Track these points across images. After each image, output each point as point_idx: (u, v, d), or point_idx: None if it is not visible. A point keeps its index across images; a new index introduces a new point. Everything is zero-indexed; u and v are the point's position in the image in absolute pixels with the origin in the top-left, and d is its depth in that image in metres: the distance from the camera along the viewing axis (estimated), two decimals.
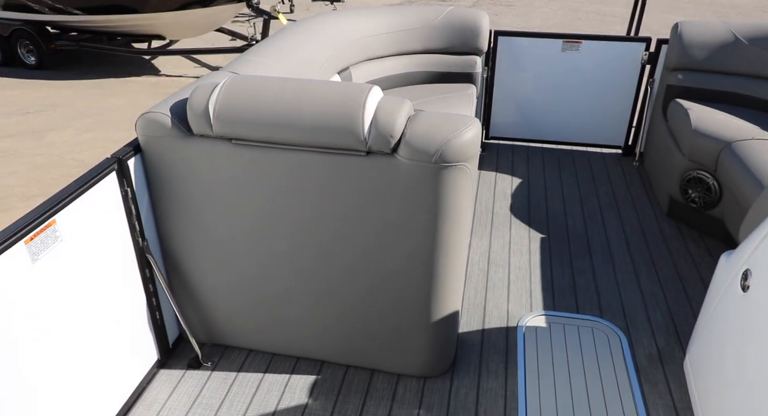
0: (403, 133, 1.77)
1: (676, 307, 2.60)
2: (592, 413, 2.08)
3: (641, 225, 3.21)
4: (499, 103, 4.10)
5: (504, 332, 2.45)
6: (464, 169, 1.80)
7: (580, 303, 2.62)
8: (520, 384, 2.20)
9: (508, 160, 3.96)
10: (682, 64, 3.43)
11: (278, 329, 2.23)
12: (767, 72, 3.25)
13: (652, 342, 2.41)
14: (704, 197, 3.03)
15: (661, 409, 2.10)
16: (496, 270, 2.83)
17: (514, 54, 3.92)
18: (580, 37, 3.81)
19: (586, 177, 3.75)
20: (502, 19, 10.76)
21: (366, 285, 2.03)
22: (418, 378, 2.22)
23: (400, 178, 1.80)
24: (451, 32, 3.59)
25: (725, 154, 2.86)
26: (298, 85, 1.84)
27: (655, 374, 2.25)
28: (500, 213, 3.33)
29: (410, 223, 1.87)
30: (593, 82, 3.91)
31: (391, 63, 3.58)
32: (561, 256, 2.94)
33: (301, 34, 2.95)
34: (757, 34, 3.28)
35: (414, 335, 2.10)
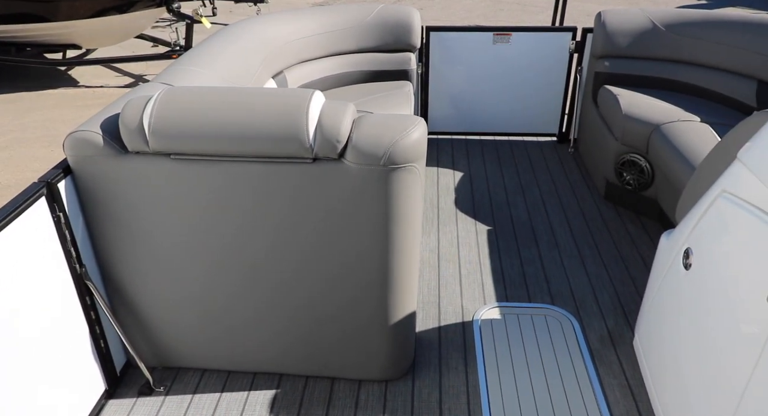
0: (349, 138, 1.74)
1: (622, 288, 2.69)
2: (551, 398, 2.12)
3: (582, 210, 3.31)
4: (435, 98, 4.12)
5: (460, 327, 2.46)
6: (413, 169, 1.78)
7: (531, 291, 2.67)
8: (481, 378, 2.21)
9: (448, 155, 3.99)
10: (608, 52, 3.55)
11: (232, 346, 2.16)
12: (684, 56, 3.41)
13: (602, 324, 2.48)
14: (638, 179, 3.15)
15: (616, 388, 2.16)
16: (447, 266, 2.85)
17: (447, 49, 3.95)
18: (510, 30, 3.87)
19: (525, 166, 3.83)
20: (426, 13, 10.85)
21: (320, 293, 1.99)
22: (379, 382, 2.20)
23: (348, 183, 1.77)
24: (384, 30, 3.57)
25: (654, 136, 2.98)
26: (237, 93, 1.77)
27: (608, 355, 2.32)
28: (445, 208, 3.34)
29: (361, 228, 1.84)
30: (525, 72, 3.99)
31: (325, 64, 3.52)
32: (508, 247, 2.99)
33: (232, 39, 2.86)
34: (672, 20, 3.43)
35: (372, 339, 2.08)
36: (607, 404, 2.10)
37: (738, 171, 1.65)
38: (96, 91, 6.83)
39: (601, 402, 2.11)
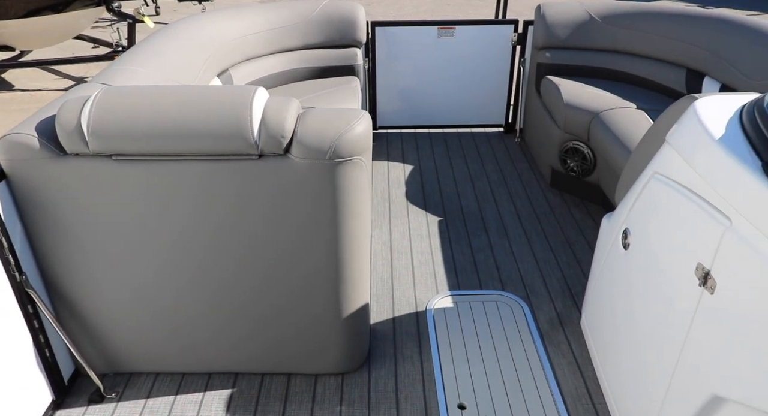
0: (294, 133, 1.74)
1: (569, 271, 2.78)
2: (504, 380, 2.18)
3: (529, 198, 3.40)
4: (383, 92, 4.15)
5: (414, 317, 2.50)
6: (359, 162, 1.80)
7: (483, 279, 2.73)
8: (436, 366, 2.25)
9: (398, 149, 4.03)
10: (548, 43, 3.64)
11: (185, 347, 2.13)
12: (620, 46, 3.53)
13: (551, 306, 2.56)
14: (581, 165, 3.26)
15: (566, 368, 2.24)
16: (399, 257, 2.88)
17: (393, 43, 3.98)
18: (454, 23, 3.93)
19: (473, 157, 3.90)
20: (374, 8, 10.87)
21: (271, 290, 1.99)
22: (336, 375, 2.22)
23: (295, 179, 1.77)
24: (329, 26, 3.57)
25: (594, 124, 3.08)
26: (179, 92, 1.75)
27: (557, 336, 2.40)
28: (396, 201, 3.38)
29: (309, 223, 1.85)
30: (470, 65, 4.06)
31: (271, 61, 3.50)
32: (459, 236, 3.04)
33: (173, 37, 2.81)
34: (607, 12, 3.55)
35: (327, 333, 2.09)
36: (557, 382, 2.18)
37: (667, 153, 1.73)
38: (34, 94, 6.59)
39: (551, 380, 2.18)
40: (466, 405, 2.10)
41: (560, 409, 2.08)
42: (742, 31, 2.95)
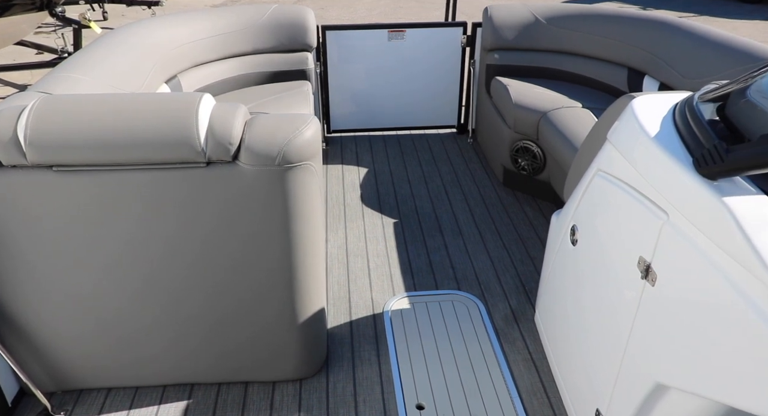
0: (242, 139, 1.72)
1: (522, 268, 2.83)
2: (461, 378, 2.21)
3: (482, 197, 3.45)
4: (336, 96, 4.15)
5: (371, 320, 2.50)
6: (309, 167, 1.80)
7: (438, 279, 2.76)
8: (394, 368, 2.26)
9: (352, 152, 4.03)
10: (496, 45, 3.71)
11: (137, 359, 2.09)
12: (565, 47, 3.62)
13: (506, 304, 2.60)
14: (532, 164, 3.33)
15: (521, 363, 2.28)
16: (355, 260, 2.88)
17: (344, 47, 3.98)
18: (404, 26, 3.96)
19: (427, 158, 3.93)
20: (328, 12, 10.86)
21: (224, 298, 1.96)
22: (294, 381, 2.20)
23: (245, 185, 1.75)
24: (279, 30, 3.55)
25: (543, 123, 3.15)
26: (123, 100, 1.71)
27: (512, 332, 2.44)
28: (352, 204, 3.38)
29: (262, 229, 1.84)
30: (421, 67, 4.09)
31: (221, 67, 3.46)
32: (414, 237, 3.07)
33: (118, 43, 2.74)
34: (552, 14, 3.64)
35: (283, 340, 2.08)
36: (513, 378, 2.22)
37: (608, 151, 1.78)
38: None
39: (507, 377, 2.22)
40: (425, 405, 2.11)
41: (516, 405, 2.11)
42: (678, 33, 3.06)
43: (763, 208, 1.21)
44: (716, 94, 1.47)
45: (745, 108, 1.30)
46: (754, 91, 1.31)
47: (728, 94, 1.43)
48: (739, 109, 1.33)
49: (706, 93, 1.53)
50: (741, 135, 1.29)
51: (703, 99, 1.51)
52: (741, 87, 1.39)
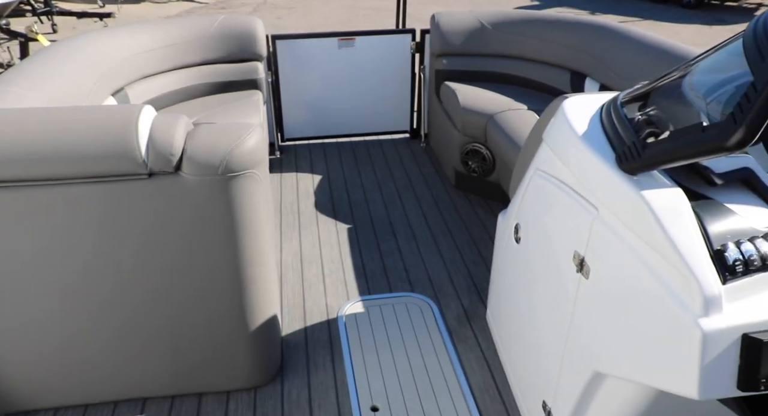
0: (184, 150, 1.73)
1: (474, 268, 2.89)
2: (415, 379, 2.24)
3: (435, 200, 3.50)
4: (288, 105, 4.16)
5: (326, 325, 2.52)
6: (253, 176, 1.81)
7: (392, 282, 2.79)
8: (348, 372, 2.28)
9: (306, 160, 4.04)
10: (444, 51, 3.78)
11: (85, 377, 2.05)
12: (510, 51, 3.72)
13: (458, 304, 2.65)
14: (482, 166, 3.40)
15: (473, 361, 2.33)
16: (310, 267, 2.89)
17: (295, 56, 4.00)
18: (353, 34, 4.00)
19: (381, 164, 3.97)
20: (284, 21, 10.85)
21: (175, 311, 1.95)
22: (248, 390, 2.20)
23: (189, 196, 1.75)
24: (228, 41, 3.55)
25: (490, 125, 3.23)
26: (60, 113, 1.70)
27: (465, 332, 2.49)
28: (306, 211, 3.39)
29: (208, 240, 1.84)
30: (373, 74, 4.14)
31: (169, 78, 3.43)
32: (368, 242, 3.10)
33: (60, 56, 2.70)
34: (497, 20, 3.73)
35: (236, 349, 2.08)
36: (465, 376, 2.26)
37: (544, 150, 1.84)
38: None
39: (460, 375, 2.26)
40: (379, 407, 2.14)
41: (469, 402, 2.15)
42: (616, 37, 3.18)
43: (677, 199, 1.28)
44: (637, 94, 1.55)
45: (660, 106, 1.38)
46: (668, 90, 1.39)
47: (647, 94, 1.50)
48: (655, 107, 1.40)
49: (628, 93, 1.60)
50: (657, 132, 1.36)
51: (625, 99, 1.58)
52: (657, 87, 1.46)
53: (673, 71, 1.46)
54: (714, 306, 1.15)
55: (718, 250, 1.20)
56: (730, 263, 1.18)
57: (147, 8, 11.52)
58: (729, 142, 1.06)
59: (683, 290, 1.20)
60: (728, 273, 1.18)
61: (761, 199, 1.33)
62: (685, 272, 1.19)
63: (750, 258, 1.18)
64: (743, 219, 1.26)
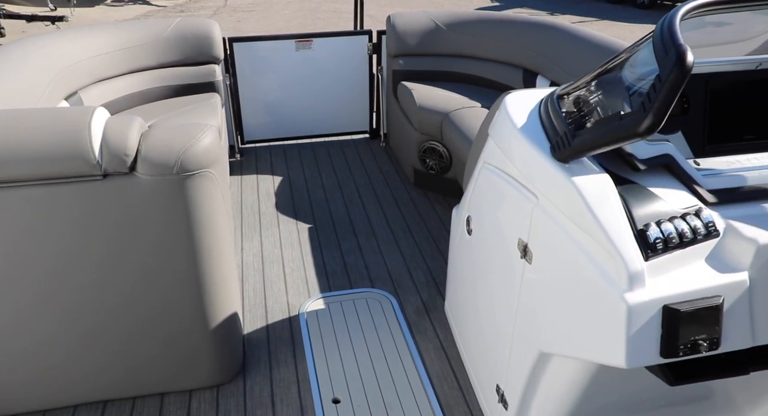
0: (138, 150, 1.75)
1: (433, 262, 2.96)
2: (375, 371, 2.30)
3: (395, 198, 3.57)
4: (248, 107, 4.17)
5: (287, 323, 2.56)
6: (209, 175, 1.84)
7: (353, 279, 2.84)
8: (310, 367, 2.32)
9: (267, 162, 4.07)
10: (400, 51, 3.85)
11: (43, 381, 2.05)
12: (465, 51, 3.82)
13: (417, 298, 2.72)
14: (439, 163, 3.48)
15: (432, 352, 2.40)
16: (271, 267, 2.93)
17: (253, 58, 4.02)
18: (310, 36, 4.04)
19: (341, 164, 4.02)
20: (245, 25, 10.81)
21: (131, 310, 1.97)
22: (210, 388, 2.22)
23: (145, 196, 1.78)
24: (183, 43, 3.55)
25: (445, 123, 3.31)
26: (12, 115, 1.70)
27: (424, 324, 2.55)
28: (267, 212, 3.42)
29: (165, 239, 1.86)
30: (331, 75, 4.19)
31: (125, 82, 3.42)
32: (329, 241, 3.14)
33: (10, 59, 2.68)
34: (451, 21, 3.83)
35: (197, 348, 2.10)
36: (424, 366, 2.32)
37: (489, 144, 1.92)
38: None
39: (419, 365, 2.33)
40: (341, 399, 2.18)
41: (428, 390, 2.22)
42: (564, 36, 3.30)
43: (604, 184, 1.37)
44: (571, 88, 1.63)
45: (589, 99, 1.46)
46: (597, 84, 1.48)
47: (580, 88, 1.59)
48: (585, 100, 1.49)
49: (564, 88, 1.69)
50: (585, 122, 1.44)
51: (561, 93, 1.67)
52: (588, 81, 1.55)
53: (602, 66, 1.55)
54: (637, 281, 1.24)
55: (641, 230, 1.29)
56: (651, 241, 1.27)
57: (102, 11, 11.34)
58: (641, 128, 1.15)
59: (611, 268, 1.28)
60: (650, 250, 1.26)
61: (680, 182, 1.42)
62: (611, 251, 1.27)
63: (669, 236, 1.28)
64: (664, 202, 1.35)
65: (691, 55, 1.08)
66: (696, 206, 1.37)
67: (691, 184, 1.42)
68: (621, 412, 1.87)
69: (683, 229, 1.29)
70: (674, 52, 1.10)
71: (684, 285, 1.26)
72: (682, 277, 1.28)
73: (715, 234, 1.33)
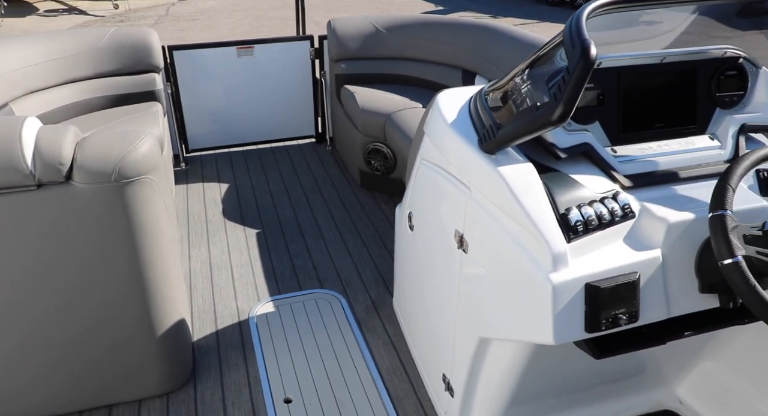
0: (74, 158, 1.73)
1: (381, 261, 3.01)
2: (326, 369, 2.33)
3: (342, 201, 3.61)
4: (192, 116, 4.14)
5: (237, 327, 2.56)
6: (148, 181, 1.84)
7: (302, 281, 2.87)
8: (261, 369, 2.33)
9: (212, 169, 4.05)
10: (342, 55, 3.90)
11: None
12: (405, 54, 3.90)
13: (366, 296, 2.76)
14: (384, 164, 3.54)
15: (381, 347, 2.44)
16: (219, 273, 2.92)
17: (195, 66, 4.00)
18: (252, 43, 4.05)
19: (288, 169, 4.04)
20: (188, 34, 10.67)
21: (74, 321, 1.94)
22: (160, 396, 2.21)
23: (83, 205, 1.76)
24: (120, 53, 3.50)
25: (388, 124, 3.38)
26: None
27: (373, 320, 2.60)
28: (214, 220, 3.41)
29: (105, 247, 1.84)
30: (275, 81, 4.20)
31: (60, 93, 3.35)
32: (277, 245, 3.16)
33: None
34: (391, 24, 3.90)
35: (144, 357, 2.08)
36: (374, 361, 2.37)
37: (425, 141, 1.99)
38: None
39: (369, 361, 2.37)
40: (292, 398, 2.20)
41: (378, 385, 2.26)
42: (500, 36, 3.42)
43: (528, 173, 1.45)
44: (499, 85, 1.71)
45: (514, 93, 1.54)
46: (519, 79, 1.56)
47: (505, 83, 1.67)
48: (509, 94, 1.57)
49: (492, 84, 1.77)
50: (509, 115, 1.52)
51: (489, 89, 1.75)
52: (512, 77, 1.63)
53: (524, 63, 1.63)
54: (561, 262, 1.32)
55: (563, 214, 1.37)
56: (572, 224, 1.35)
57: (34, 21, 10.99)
58: (553, 116, 1.23)
59: (536, 251, 1.36)
60: (571, 233, 1.35)
61: (599, 168, 1.52)
62: (536, 235, 1.34)
63: (589, 219, 1.36)
64: (584, 187, 1.44)
65: (594, 49, 1.17)
66: (613, 190, 1.46)
67: (608, 170, 1.52)
68: (560, 392, 1.96)
69: (602, 212, 1.38)
70: (580, 46, 1.18)
71: (604, 263, 1.35)
72: (602, 257, 1.36)
73: (631, 215, 1.42)
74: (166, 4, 13.13)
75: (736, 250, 1.18)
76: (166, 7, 12.82)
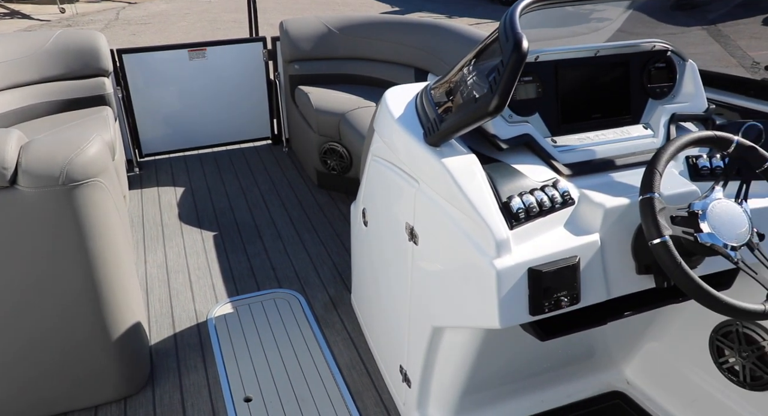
0: (18, 163, 1.71)
1: (339, 259, 3.04)
2: (286, 367, 2.34)
3: (299, 201, 3.62)
4: (144, 120, 4.09)
5: (196, 329, 2.55)
6: (98, 184, 1.82)
7: (260, 281, 2.87)
8: (220, 369, 2.33)
9: (167, 174, 4.00)
10: (295, 56, 3.91)
11: None
12: (357, 53, 3.93)
13: (324, 293, 2.78)
14: (340, 163, 3.56)
15: (340, 343, 2.47)
16: (176, 276, 2.90)
17: (146, 69, 3.95)
18: (203, 45, 4.02)
19: (244, 171, 4.02)
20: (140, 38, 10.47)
21: (29, 329, 1.91)
22: (117, 401, 2.18)
23: (30, 210, 1.73)
24: (66, 56, 3.44)
25: (342, 124, 3.41)
26: None
27: (332, 317, 2.62)
28: (170, 223, 3.37)
29: (54, 252, 1.82)
30: (228, 83, 4.18)
31: (3, 98, 3.27)
32: (234, 247, 3.15)
33: None
34: (343, 24, 3.93)
35: (99, 361, 2.06)
36: (333, 358, 2.39)
37: (376, 137, 2.03)
38: None
39: (328, 357, 2.39)
40: (252, 397, 2.21)
41: (338, 380, 2.29)
42: (450, 35, 3.48)
43: (471, 163, 1.50)
44: (443, 81, 1.76)
45: (457, 87, 1.59)
46: (461, 74, 1.61)
47: (449, 78, 1.72)
48: (453, 88, 1.62)
49: (437, 80, 1.82)
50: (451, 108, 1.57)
51: (435, 85, 1.79)
52: (455, 72, 1.68)
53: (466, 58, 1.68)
54: (504, 248, 1.37)
55: (505, 202, 1.42)
56: (514, 212, 1.41)
57: None
58: (490, 107, 1.28)
59: (480, 238, 1.41)
60: (514, 220, 1.40)
61: (539, 158, 1.58)
62: (480, 223, 1.40)
63: (530, 206, 1.42)
64: (525, 176, 1.50)
65: (526, 42, 1.23)
66: (553, 179, 1.53)
67: (548, 160, 1.58)
68: (513, 378, 2.02)
69: (543, 199, 1.44)
70: (512, 39, 1.24)
71: (545, 248, 1.41)
72: (544, 242, 1.42)
73: (570, 202, 1.49)
74: (116, 8, 12.87)
75: (663, 230, 1.25)
76: (116, 11, 12.57)
